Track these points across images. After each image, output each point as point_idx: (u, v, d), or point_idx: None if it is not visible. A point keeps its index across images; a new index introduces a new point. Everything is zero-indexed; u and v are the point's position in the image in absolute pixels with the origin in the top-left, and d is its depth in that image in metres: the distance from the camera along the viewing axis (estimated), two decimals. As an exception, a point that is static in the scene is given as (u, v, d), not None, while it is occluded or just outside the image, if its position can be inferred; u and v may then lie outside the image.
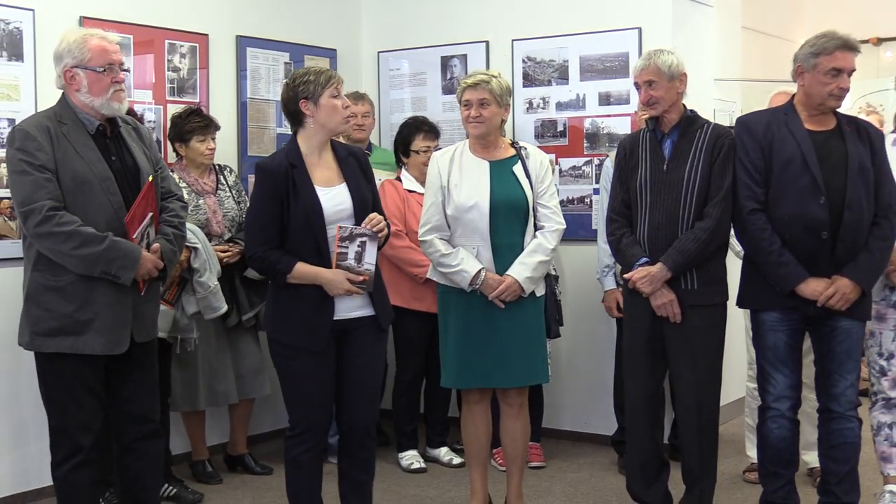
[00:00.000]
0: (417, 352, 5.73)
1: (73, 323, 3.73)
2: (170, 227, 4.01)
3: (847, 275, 4.13)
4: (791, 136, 4.23)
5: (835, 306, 4.14)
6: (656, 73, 4.28)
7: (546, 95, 6.24)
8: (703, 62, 6.26)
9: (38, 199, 3.65)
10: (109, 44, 3.85)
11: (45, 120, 3.80)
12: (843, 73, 4.19)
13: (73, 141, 3.77)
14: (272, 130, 6.30)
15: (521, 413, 4.57)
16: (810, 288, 4.16)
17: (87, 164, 3.75)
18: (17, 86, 5.02)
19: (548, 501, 5.03)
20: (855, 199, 4.14)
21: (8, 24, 4.99)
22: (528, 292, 4.38)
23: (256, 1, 6.21)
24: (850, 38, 4.26)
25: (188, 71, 5.81)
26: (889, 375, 4.53)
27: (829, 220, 4.13)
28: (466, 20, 6.51)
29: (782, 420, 4.37)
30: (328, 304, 3.96)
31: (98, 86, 3.79)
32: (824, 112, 4.27)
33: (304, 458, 4.09)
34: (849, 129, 4.26)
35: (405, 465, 5.68)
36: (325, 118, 3.99)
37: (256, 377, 5.49)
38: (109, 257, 3.70)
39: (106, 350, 3.78)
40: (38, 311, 3.77)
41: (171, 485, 5.11)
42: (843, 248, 4.16)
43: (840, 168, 4.18)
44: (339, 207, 3.98)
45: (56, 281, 3.74)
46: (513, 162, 4.49)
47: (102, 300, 3.75)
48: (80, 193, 3.72)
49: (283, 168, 3.94)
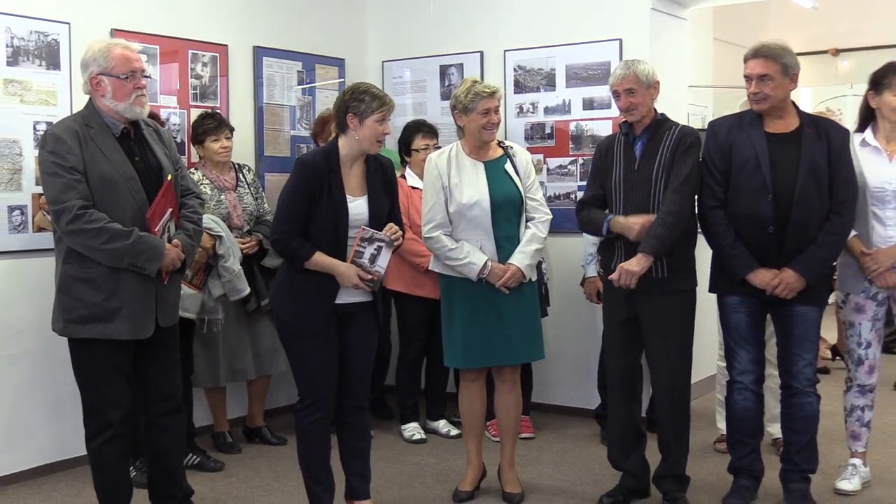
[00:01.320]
0: (419, 334, 5.73)
1: (102, 311, 3.72)
2: (189, 222, 4.00)
3: (793, 267, 4.14)
4: (750, 139, 4.24)
5: (780, 295, 4.15)
6: (636, 82, 4.25)
7: (535, 101, 6.22)
8: (678, 70, 6.25)
9: (69, 199, 3.64)
10: (131, 52, 3.83)
11: (73, 124, 3.78)
12: (751, 79, 4.19)
13: (99, 143, 3.75)
14: (286, 133, 6.27)
15: (514, 389, 4.58)
16: (758, 278, 4.18)
17: (113, 165, 3.73)
18: (54, 92, 5.00)
19: (537, 469, 5.03)
20: (804, 198, 4.13)
21: (46, 36, 4.96)
22: (528, 278, 4.40)
23: (272, 14, 6.18)
24: (756, 46, 4.25)
25: (209, 78, 5.79)
26: (866, 364, 4.50)
27: (777, 217, 4.14)
28: (463, 32, 6.49)
29: (747, 392, 4.39)
30: (331, 292, 3.99)
31: (121, 91, 3.77)
32: (780, 116, 4.25)
33: (313, 427, 4.10)
34: (810, 130, 4.23)
35: (407, 436, 5.68)
36: (362, 136, 3.98)
37: (272, 356, 5.47)
38: (136, 250, 3.68)
39: (132, 335, 3.77)
40: (70, 300, 3.76)
41: (194, 454, 5.11)
42: (791, 243, 4.16)
43: (792, 168, 4.16)
44: (358, 217, 4.01)
45: (86, 273, 3.72)
46: (503, 161, 4.50)
47: (128, 290, 3.74)
48: (107, 192, 3.70)
49: (322, 169, 3.96)
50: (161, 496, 4.08)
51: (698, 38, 7.49)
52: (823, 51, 10.46)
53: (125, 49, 3.82)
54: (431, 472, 5.06)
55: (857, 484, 4.58)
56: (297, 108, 6.31)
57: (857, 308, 4.49)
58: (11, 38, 4.83)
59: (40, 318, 4.53)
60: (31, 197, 4.92)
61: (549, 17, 6.14)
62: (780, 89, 4.20)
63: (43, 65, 4.96)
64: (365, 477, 4.27)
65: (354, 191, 4.03)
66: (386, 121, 4.04)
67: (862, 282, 4.43)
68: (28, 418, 4.96)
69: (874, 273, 4.35)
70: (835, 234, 4.21)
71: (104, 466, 3.88)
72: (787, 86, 4.22)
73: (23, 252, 4.90)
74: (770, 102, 4.19)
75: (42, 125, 4.91)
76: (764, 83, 4.17)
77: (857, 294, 4.47)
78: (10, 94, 4.83)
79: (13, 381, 4.91)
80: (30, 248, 4.91)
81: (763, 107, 4.21)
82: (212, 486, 4.84)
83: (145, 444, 4.11)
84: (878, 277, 4.35)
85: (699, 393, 5.89)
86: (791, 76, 4.21)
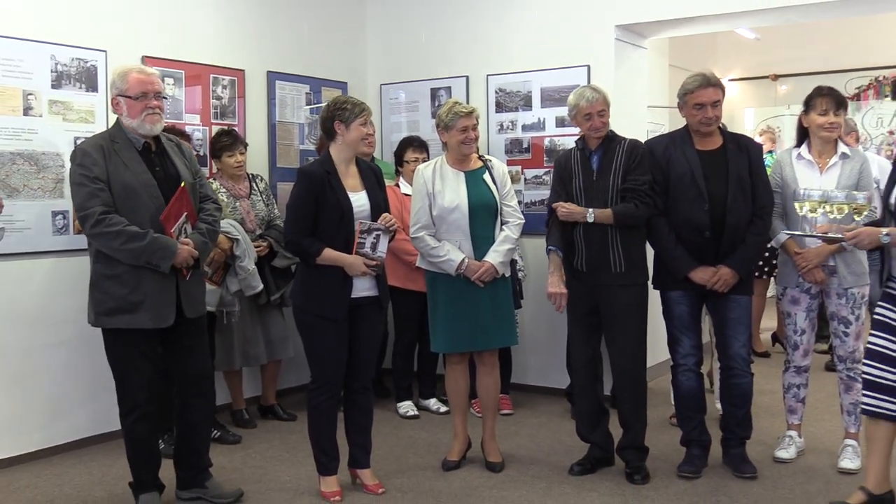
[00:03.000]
0: (412, 323, 5.73)
1: (127, 304, 3.73)
2: (204, 223, 4.00)
3: (728, 264, 4.22)
4: (684, 155, 4.30)
5: (718, 289, 4.23)
6: (605, 103, 4.31)
7: (514, 119, 6.24)
8: (639, 92, 6.28)
9: (92, 205, 3.66)
10: (146, 76, 3.82)
11: (100, 140, 3.80)
12: (705, 105, 4.23)
13: (123, 156, 3.76)
14: (296, 147, 6.28)
15: (494, 371, 4.59)
16: (698, 275, 4.25)
17: (133, 175, 3.75)
18: (92, 111, 5.01)
19: (515, 441, 5.05)
20: (734, 205, 4.21)
21: (86, 62, 4.97)
22: (501, 273, 4.41)
23: (283, 44, 6.18)
24: (706, 77, 4.29)
25: (229, 99, 5.79)
26: (801, 348, 4.54)
27: (713, 223, 4.21)
28: (451, 60, 6.50)
29: (689, 373, 4.44)
30: (349, 284, 4.02)
31: (134, 110, 3.77)
32: (705, 135, 4.31)
33: (322, 405, 4.12)
34: (732, 146, 4.31)
35: (402, 412, 5.69)
36: (350, 139, 4.05)
37: (282, 343, 5.48)
38: (151, 249, 3.69)
39: (154, 324, 3.77)
40: (100, 294, 3.78)
41: (215, 428, 5.10)
42: (726, 244, 4.23)
43: (723, 181, 4.23)
44: (361, 208, 4.06)
45: (112, 270, 3.74)
46: (482, 172, 4.50)
47: (149, 284, 3.75)
48: (128, 198, 3.71)
49: (321, 174, 4.00)
50: (185, 467, 4.09)
51: (656, 64, 7.53)
52: (764, 76, 10.50)
53: (140, 73, 3.83)
54: (423, 444, 5.08)
55: (793, 453, 4.62)
56: (305, 125, 6.31)
57: (792, 300, 4.53)
58: (55, 65, 4.84)
59: (79, 309, 4.53)
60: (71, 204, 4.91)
61: (526, 46, 6.17)
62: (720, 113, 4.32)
63: (83, 87, 4.96)
64: (366, 448, 4.29)
65: (354, 187, 4.07)
66: (368, 123, 4.12)
67: (796, 277, 4.46)
68: (70, 397, 4.97)
69: (803, 270, 4.39)
70: (760, 235, 4.30)
71: (135, 441, 3.89)
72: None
73: (64, 252, 4.90)
74: (717, 124, 4.29)
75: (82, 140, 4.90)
76: (717, 109, 4.25)
77: (793, 288, 4.51)
78: (54, 114, 4.84)
79: (58, 364, 4.92)
80: (70, 248, 4.91)
81: (713, 129, 4.29)
82: (230, 456, 4.84)
83: (176, 421, 4.12)
84: (807, 274, 4.39)
85: (656, 375, 5.93)
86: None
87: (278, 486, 4.36)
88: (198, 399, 4.04)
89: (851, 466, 4.42)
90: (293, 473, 4.55)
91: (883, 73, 9.90)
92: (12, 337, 4.73)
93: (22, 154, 4.72)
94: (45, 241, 4.84)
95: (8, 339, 4.71)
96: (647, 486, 4.24)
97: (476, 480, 4.41)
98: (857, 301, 4.39)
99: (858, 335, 4.40)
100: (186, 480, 4.09)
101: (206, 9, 5.67)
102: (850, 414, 4.50)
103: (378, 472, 4.38)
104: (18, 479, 4.51)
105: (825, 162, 4.40)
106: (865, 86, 9.94)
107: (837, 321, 4.43)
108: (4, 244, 4.62)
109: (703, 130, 4.29)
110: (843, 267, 4.36)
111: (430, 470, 4.58)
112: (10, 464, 4.69)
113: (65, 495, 4.29)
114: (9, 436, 4.71)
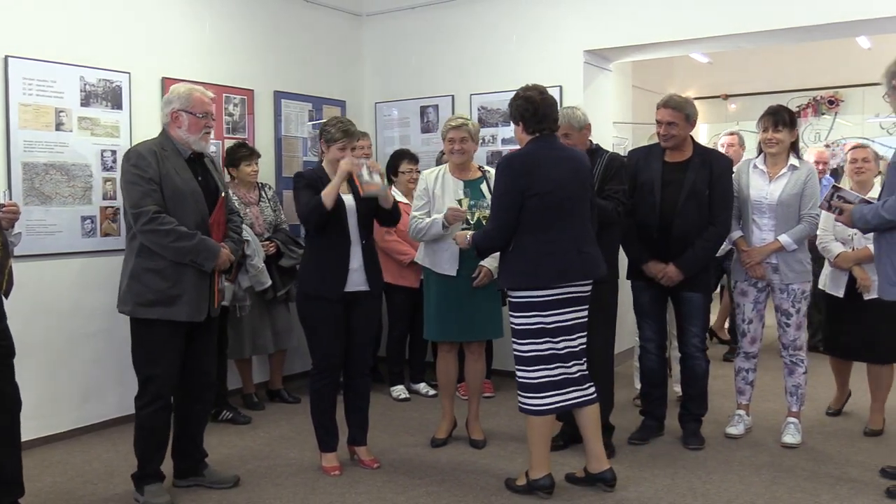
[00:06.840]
0: (403, 315, 5.75)
1: (166, 297, 3.63)
2: (234, 233, 3.97)
3: (675, 263, 4.31)
4: (650, 166, 4.38)
5: (664, 284, 4.35)
6: (568, 127, 4.19)
7: (495, 133, 6.26)
8: (605, 110, 6.31)
9: (146, 204, 3.57)
10: (207, 99, 3.79)
11: (152, 146, 3.71)
12: (662, 123, 4.32)
13: (172, 163, 3.68)
14: (300, 158, 6.28)
15: (480, 359, 4.61)
16: (649, 269, 4.39)
17: (182, 181, 3.67)
18: (117, 126, 4.99)
19: (496, 421, 5.06)
20: (683, 212, 4.27)
21: (111, 83, 4.96)
22: (495, 276, 4.38)
23: (288, 66, 6.18)
24: (665, 98, 4.37)
25: (239, 116, 5.79)
26: (749, 336, 4.59)
27: (661, 226, 4.31)
28: (438, 80, 6.52)
29: (651, 355, 4.57)
30: (343, 266, 4.01)
31: (195, 126, 3.73)
32: (680, 149, 4.37)
33: (323, 389, 4.11)
34: (697, 160, 4.34)
35: (395, 396, 5.70)
36: (331, 157, 4.08)
37: (287, 334, 5.48)
38: (198, 249, 3.63)
39: (190, 317, 3.68)
40: (140, 286, 3.64)
41: (228, 411, 5.11)
42: (675, 245, 4.31)
43: (677, 190, 4.29)
44: (349, 206, 4.06)
45: (154, 264, 3.63)
46: (480, 181, 4.50)
47: (189, 280, 3.67)
48: (177, 202, 3.64)
49: (316, 177, 4.04)
50: (181, 455, 3.98)
51: (620, 85, 7.57)
52: (716, 95, 10.57)
53: (202, 94, 3.78)
54: (414, 423, 5.09)
55: (741, 429, 4.66)
56: (308, 139, 6.31)
57: (742, 292, 4.58)
58: (84, 85, 4.83)
59: (107, 302, 4.56)
60: (98, 209, 4.92)
61: (505, 68, 6.19)
62: (683, 131, 4.35)
63: (109, 105, 4.95)
64: (363, 428, 4.30)
65: (342, 190, 4.02)
66: (346, 150, 4.05)
67: (745, 273, 4.52)
68: (99, 381, 4.96)
69: (748, 265, 4.45)
70: (709, 241, 4.33)
71: (153, 430, 3.75)
72: (688, 129, 4.37)
73: (93, 252, 4.89)
74: (675, 141, 4.34)
75: (108, 153, 4.92)
76: (671, 128, 4.31)
77: (742, 281, 4.56)
78: (83, 129, 4.83)
79: (88, 351, 4.91)
80: (98, 249, 4.91)
81: (669, 144, 4.36)
82: (241, 435, 4.84)
83: (177, 411, 3.93)
84: (751, 269, 4.45)
85: (622, 360, 5.95)
86: (691, 122, 4.35)
87: (285, 462, 4.36)
88: (202, 391, 3.94)
89: (793, 441, 4.47)
90: (298, 450, 4.55)
91: (820, 93, 10.01)
92: (48, 329, 4.72)
93: (54, 165, 4.70)
94: (76, 243, 4.82)
95: (44, 330, 4.70)
96: (612, 459, 4.26)
97: (461, 456, 4.42)
98: (798, 296, 4.43)
99: (799, 326, 4.46)
100: (185, 470, 3.98)
101: (219, 35, 5.67)
102: (792, 395, 4.55)
103: (374, 448, 4.39)
104: (52, 456, 4.50)
105: (775, 172, 4.45)
106: (805, 104, 10.04)
107: (780, 313, 4.48)
108: (40, 246, 4.62)
109: (663, 144, 4.36)
110: (783, 265, 4.41)
111: (420, 447, 4.59)
112: (45, 442, 4.68)
113: (93, 470, 4.29)
114: (45, 417, 4.70)
